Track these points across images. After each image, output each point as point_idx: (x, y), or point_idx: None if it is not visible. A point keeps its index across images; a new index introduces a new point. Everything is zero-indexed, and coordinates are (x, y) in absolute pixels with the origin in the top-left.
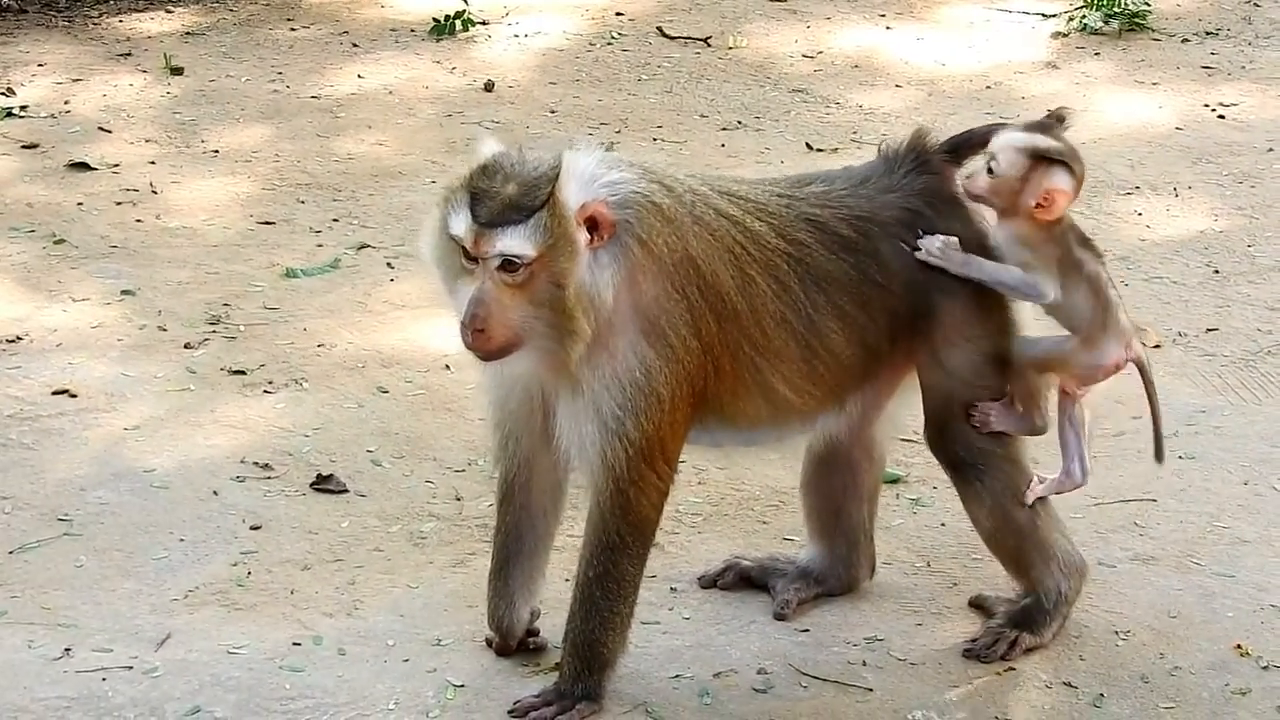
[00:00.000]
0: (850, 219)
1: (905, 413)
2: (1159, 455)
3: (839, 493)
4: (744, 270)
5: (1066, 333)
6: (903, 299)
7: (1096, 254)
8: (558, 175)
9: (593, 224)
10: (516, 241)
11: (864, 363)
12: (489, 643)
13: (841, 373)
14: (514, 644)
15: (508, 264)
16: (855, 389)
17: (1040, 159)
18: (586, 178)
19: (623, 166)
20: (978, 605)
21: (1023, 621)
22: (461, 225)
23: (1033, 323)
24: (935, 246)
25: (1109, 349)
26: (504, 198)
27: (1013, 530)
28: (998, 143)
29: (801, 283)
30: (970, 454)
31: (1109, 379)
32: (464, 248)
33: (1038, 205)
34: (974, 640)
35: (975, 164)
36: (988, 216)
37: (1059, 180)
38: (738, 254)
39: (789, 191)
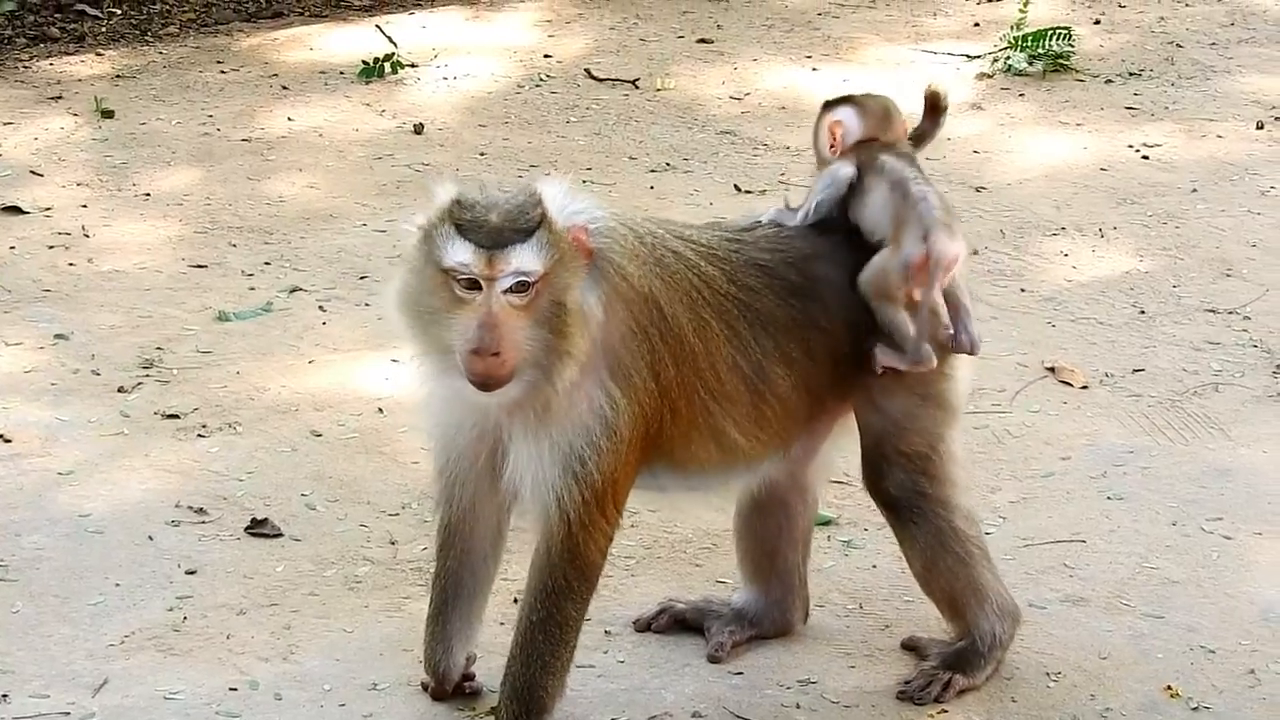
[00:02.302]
0: (796, 263)
1: (837, 455)
2: (961, 346)
3: (773, 536)
4: (699, 314)
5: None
6: (845, 342)
7: (912, 161)
8: (542, 198)
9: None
10: (528, 259)
11: (808, 406)
12: (425, 687)
13: (787, 417)
14: (450, 688)
15: (518, 284)
16: (799, 433)
17: (823, 109)
18: (563, 204)
19: (590, 200)
20: (911, 647)
21: (956, 664)
22: (464, 253)
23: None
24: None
25: (909, 245)
26: (495, 223)
27: (947, 572)
28: None
29: (751, 328)
30: (905, 495)
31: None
32: (463, 278)
33: (831, 146)
34: (907, 682)
35: None
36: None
37: (835, 114)
38: (694, 297)
39: (738, 236)
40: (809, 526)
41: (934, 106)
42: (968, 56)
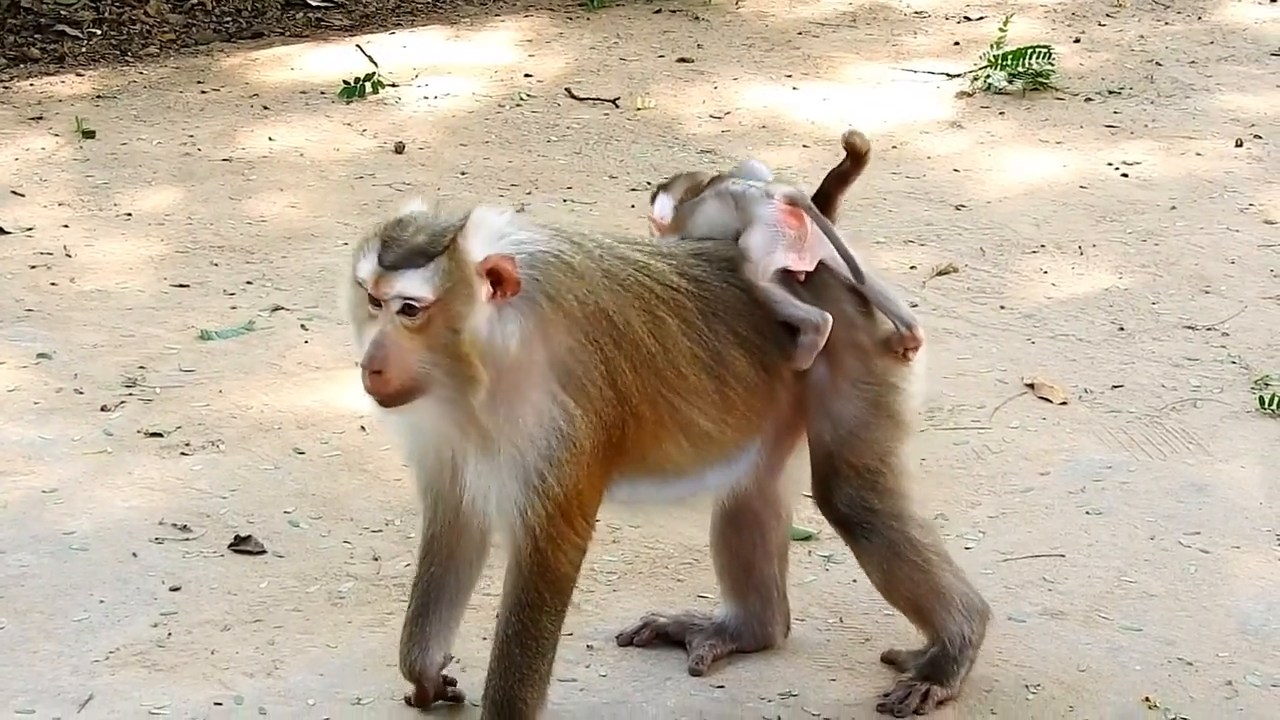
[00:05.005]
0: (730, 244)
1: (805, 470)
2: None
3: (748, 550)
4: (654, 313)
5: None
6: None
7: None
8: (463, 226)
9: (496, 278)
10: (415, 284)
11: (768, 386)
12: (408, 700)
13: (750, 397)
14: (429, 687)
15: (407, 308)
16: (765, 416)
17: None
18: (493, 233)
19: (533, 227)
20: (890, 661)
21: (931, 673)
22: (366, 269)
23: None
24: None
25: (761, 211)
26: (411, 244)
27: (907, 580)
28: None
29: (703, 316)
30: (855, 512)
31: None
32: (368, 292)
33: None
34: (887, 695)
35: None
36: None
37: (650, 209)
38: (646, 298)
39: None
40: (784, 540)
41: (854, 153)
42: (948, 75)
